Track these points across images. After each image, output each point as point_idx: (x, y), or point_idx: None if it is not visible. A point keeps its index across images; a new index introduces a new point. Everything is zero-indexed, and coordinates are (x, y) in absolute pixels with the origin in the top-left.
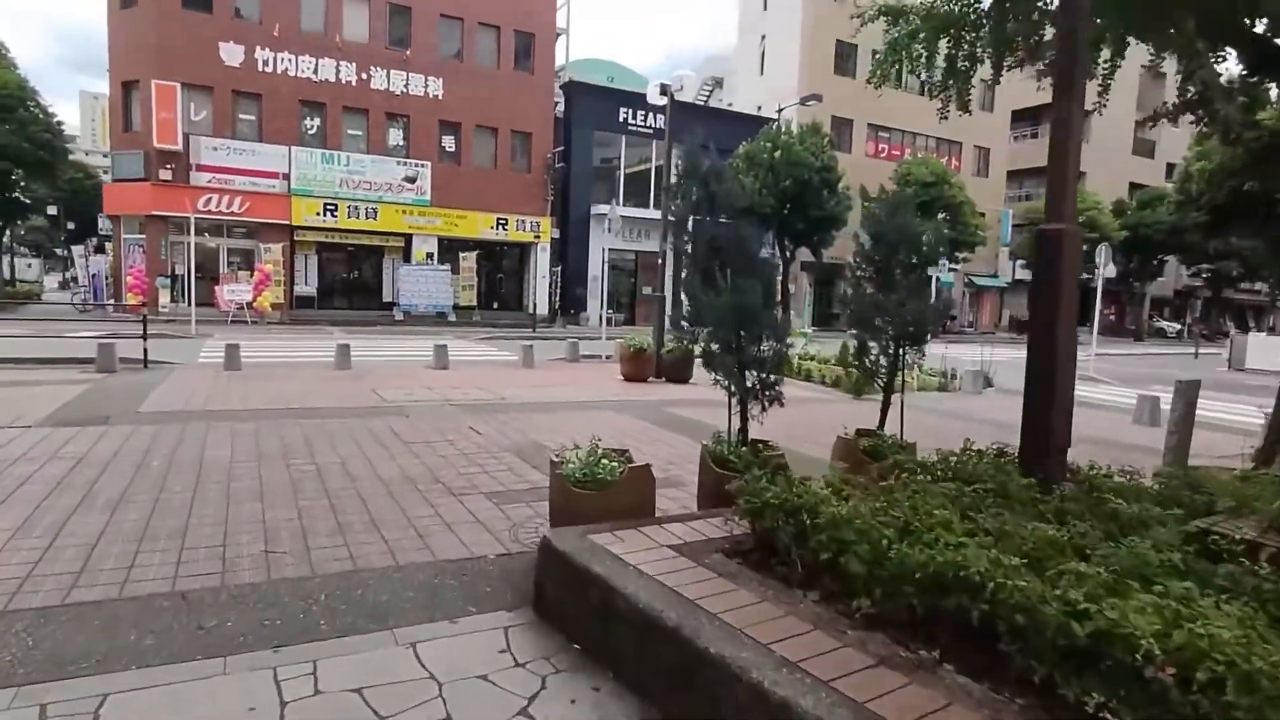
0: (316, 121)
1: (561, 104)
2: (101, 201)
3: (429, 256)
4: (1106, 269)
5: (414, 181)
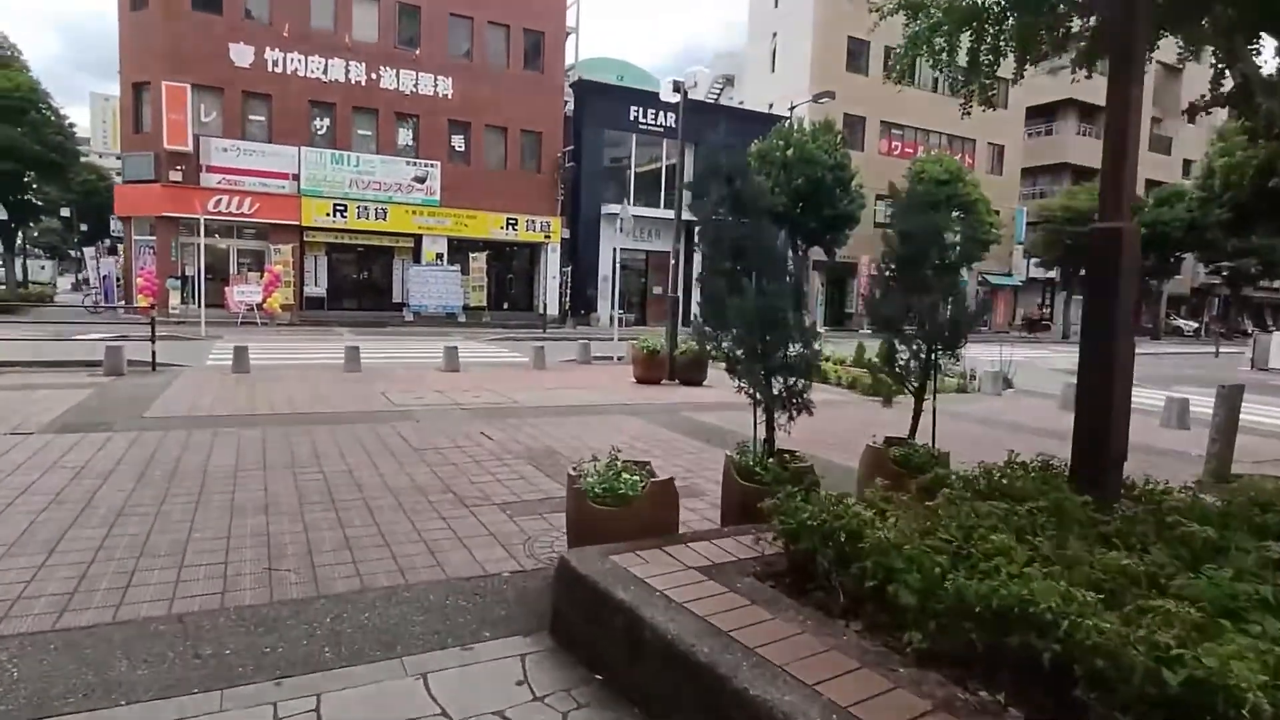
0: (326, 122)
1: (571, 103)
2: (114, 203)
3: (439, 257)
4: None
5: (423, 181)
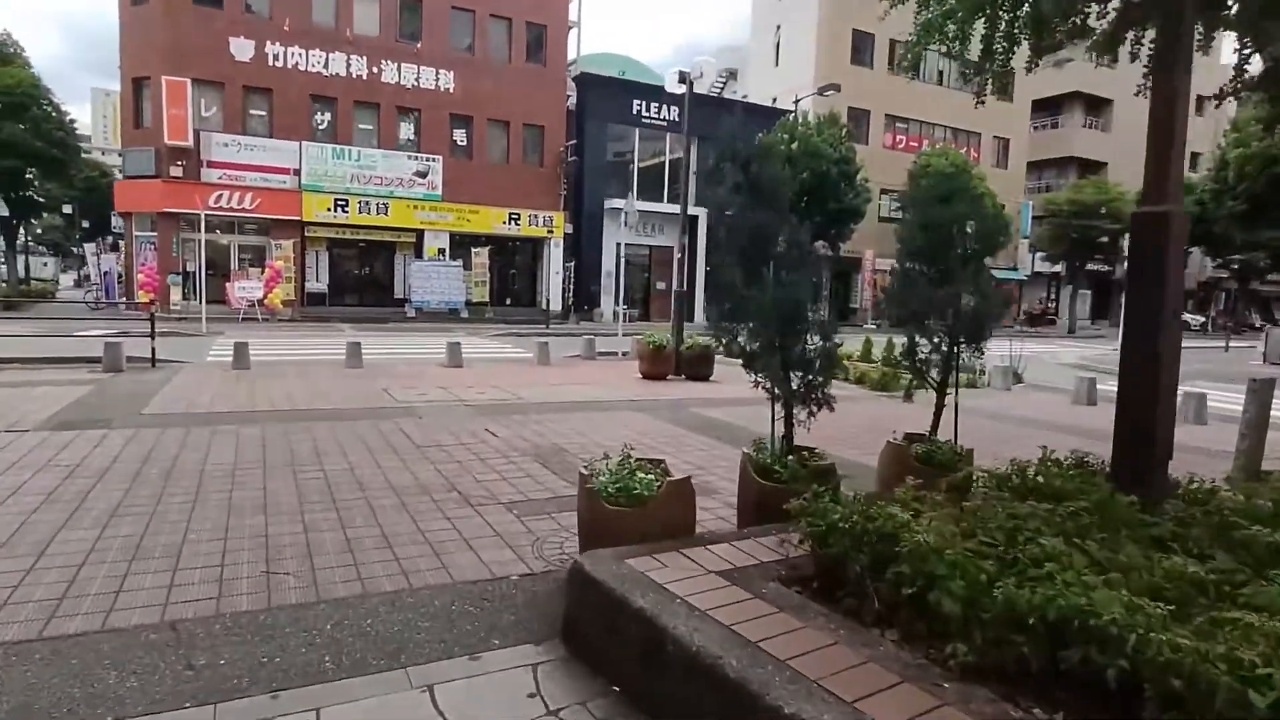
0: (327, 116)
1: (574, 97)
2: (115, 199)
3: (441, 252)
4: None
5: (425, 176)
